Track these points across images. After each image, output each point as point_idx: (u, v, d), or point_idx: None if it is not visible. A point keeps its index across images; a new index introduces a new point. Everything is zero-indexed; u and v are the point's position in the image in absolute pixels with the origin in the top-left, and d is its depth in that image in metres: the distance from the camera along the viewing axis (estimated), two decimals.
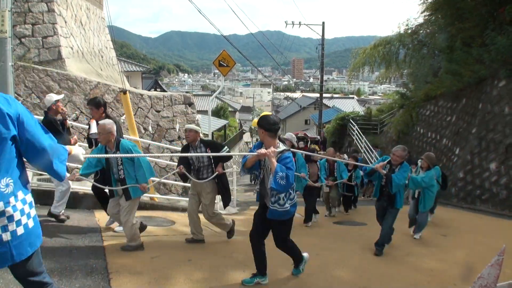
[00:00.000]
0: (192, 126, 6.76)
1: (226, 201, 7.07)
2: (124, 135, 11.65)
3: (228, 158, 7.99)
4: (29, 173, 10.17)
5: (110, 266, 5.24)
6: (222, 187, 6.87)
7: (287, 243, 5.38)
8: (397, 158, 7.06)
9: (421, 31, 24.56)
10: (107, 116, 6.54)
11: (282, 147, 4.83)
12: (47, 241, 5.91)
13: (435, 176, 8.90)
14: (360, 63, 28.42)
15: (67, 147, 3.17)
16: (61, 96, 7.23)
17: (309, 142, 22.98)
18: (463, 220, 11.94)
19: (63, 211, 7.09)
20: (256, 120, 5.19)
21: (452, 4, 18.25)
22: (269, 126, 4.73)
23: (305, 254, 5.57)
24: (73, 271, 4.94)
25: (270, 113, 5.32)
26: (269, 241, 5.23)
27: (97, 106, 6.68)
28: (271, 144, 4.72)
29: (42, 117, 10.62)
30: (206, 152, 6.73)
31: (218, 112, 48.41)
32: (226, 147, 7.16)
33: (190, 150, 6.76)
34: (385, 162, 7.11)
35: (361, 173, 12.54)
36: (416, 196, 10.09)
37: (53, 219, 6.97)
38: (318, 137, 26.12)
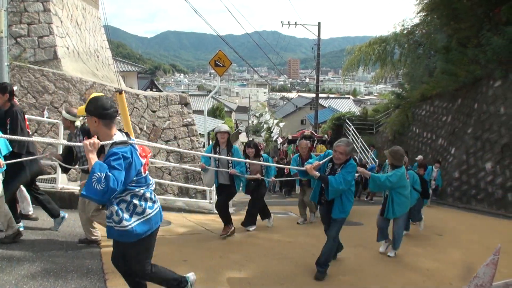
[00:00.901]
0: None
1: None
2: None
3: None
4: None
5: (106, 267, 5.23)
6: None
7: (144, 274, 4.01)
8: (339, 155, 5.65)
9: (417, 31, 24.64)
10: (12, 105, 6.28)
11: (119, 137, 3.64)
12: (43, 242, 5.90)
13: (411, 180, 7.66)
14: (355, 60, 28.47)
15: None
16: None
17: (315, 142, 21.73)
18: (458, 219, 11.98)
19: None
20: (83, 107, 3.74)
21: (447, 5, 18.29)
22: (103, 111, 3.57)
23: (190, 276, 4.32)
24: (68, 271, 4.93)
25: (102, 94, 3.91)
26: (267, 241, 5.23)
27: (2, 91, 6.31)
28: (108, 136, 3.62)
29: (38, 117, 10.63)
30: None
31: (214, 112, 48.34)
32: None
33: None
34: (326, 159, 5.86)
35: None
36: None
37: (49, 219, 6.95)
38: (326, 136, 24.11)
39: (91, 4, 17.36)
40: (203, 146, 15.33)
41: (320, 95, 35.00)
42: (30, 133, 7.74)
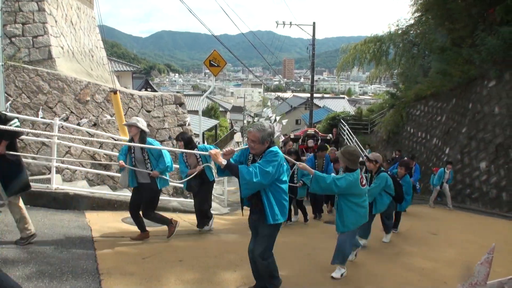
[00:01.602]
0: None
1: None
2: (114, 135, 11.65)
3: None
4: None
5: (101, 267, 5.22)
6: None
7: None
8: (251, 143, 4.50)
9: (412, 31, 24.72)
10: None
11: None
12: (37, 243, 5.88)
13: (383, 184, 7.08)
14: (350, 58, 28.52)
15: None
16: None
17: (319, 141, 19.85)
18: (453, 218, 12.02)
19: None
20: None
21: (442, 5, 18.35)
22: None
23: None
24: (63, 272, 4.92)
25: None
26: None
27: None
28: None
29: (33, 117, 10.59)
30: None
31: (209, 112, 48.33)
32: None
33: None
34: (244, 147, 4.93)
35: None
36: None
37: (44, 221, 6.93)
38: (330, 135, 22.61)
39: (85, 3, 17.31)
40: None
41: (315, 95, 35.07)
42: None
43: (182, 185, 9.11)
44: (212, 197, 10.56)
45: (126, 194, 9.67)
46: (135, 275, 5.16)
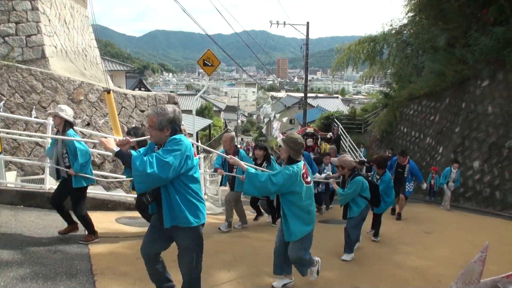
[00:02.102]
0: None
1: None
2: (108, 135, 11.61)
3: None
4: (13, 173, 10.08)
5: (95, 268, 5.21)
6: None
7: None
8: (149, 128, 3.87)
9: (405, 31, 24.78)
10: None
11: None
12: (31, 243, 5.86)
13: (358, 188, 6.61)
14: (345, 58, 28.57)
15: None
16: None
17: (319, 140, 19.23)
18: (447, 217, 12.06)
19: None
20: None
21: (435, 5, 18.41)
22: None
23: None
24: (57, 273, 4.90)
25: None
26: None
27: None
28: None
29: (26, 117, 10.54)
30: None
31: (203, 112, 48.27)
32: None
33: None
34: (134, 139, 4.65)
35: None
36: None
37: (38, 221, 6.91)
38: (330, 134, 21.40)
39: (79, 2, 17.26)
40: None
41: (308, 94, 35.10)
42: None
43: None
44: (206, 197, 10.59)
45: (120, 194, 9.66)
46: (129, 275, 5.14)
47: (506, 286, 2.75)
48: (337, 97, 65.57)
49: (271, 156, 8.86)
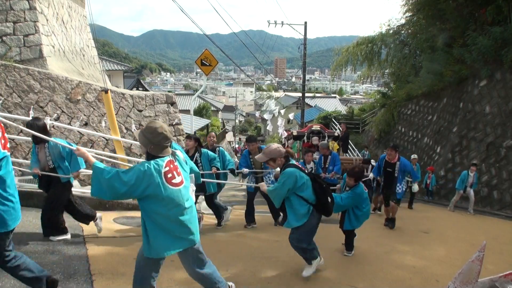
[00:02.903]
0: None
1: None
2: (106, 135, 11.60)
3: None
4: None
5: (93, 268, 5.20)
6: None
7: None
8: None
9: (403, 31, 24.80)
10: None
11: None
12: (29, 244, 5.85)
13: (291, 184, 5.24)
14: (343, 61, 28.61)
15: None
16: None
17: (326, 138, 18.07)
18: (444, 217, 12.08)
19: None
20: None
21: (433, 5, 18.46)
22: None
23: None
24: (55, 273, 4.88)
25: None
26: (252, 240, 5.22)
27: None
28: None
29: (24, 117, 10.52)
30: None
31: (201, 112, 48.24)
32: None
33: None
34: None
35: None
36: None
37: (35, 222, 6.90)
38: (338, 131, 20.39)
39: (77, 2, 17.24)
40: None
41: (306, 94, 35.02)
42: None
43: None
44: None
45: None
46: (127, 275, 5.14)
47: (504, 285, 2.76)
48: (335, 97, 65.61)
49: (202, 148, 8.47)
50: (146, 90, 35.76)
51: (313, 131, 18.25)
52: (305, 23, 28.61)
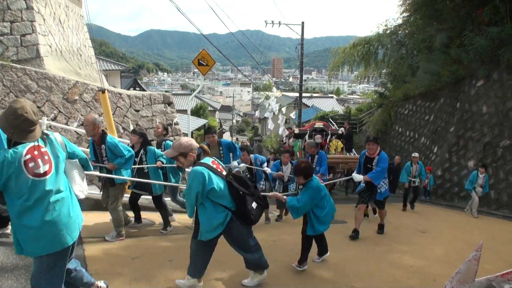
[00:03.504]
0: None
1: None
2: None
3: None
4: None
5: (90, 269, 5.20)
6: None
7: None
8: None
9: (400, 32, 24.83)
10: None
11: None
12: None
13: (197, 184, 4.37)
14: (340, 62, 28.63)
15: None
16: None
17: (329, 136, 17.36)
18: (441, 217, 12.10)
19: None
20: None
21: (430, 5, 18.49)
22: None
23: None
24: None
25: None
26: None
27: None
28: None
29: None
30: None
31: (198, 112, 48.18)
32: None
33: None
34: None
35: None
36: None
37: None
38: (342, 129, 19.30)
39: (74, 1, 17.21)
40: None
41: (303, 94, 35.02)
42: None
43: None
44: None
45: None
46: (124, 276, 5.14)
47: (500, 285, 2.76)
48: (332, 97, 65.53)
49: (150, 145, 7.84)
50: (143, 90, 35.71)
51: (316, 129, 17.57)
52: (302, 23, 28.63)
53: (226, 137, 56.53)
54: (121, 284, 4.87)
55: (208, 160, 4.58)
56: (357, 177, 8.11)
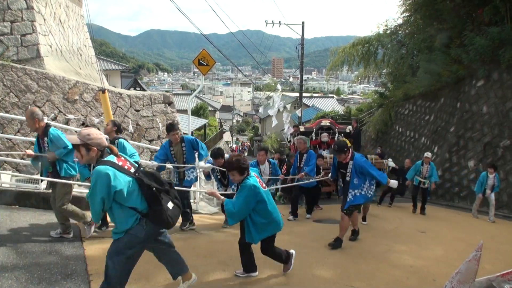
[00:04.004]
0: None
1: None
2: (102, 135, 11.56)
3: None
4: (7, 175, 10.03)
5: (90, 268, 5.20)
6: None
7: None
8: None
9: (400, 32, 24.81)
10: None
11: None
12: (26, 244, 5.84)
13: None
14: (339, 61, 28.57)
15: None
16: None
17: (336, 134, 16.76)
18: (441, 217, 12.09)
19: None
20: None
21: (431, 5, 18.48)
22: None
23: None
24: (52, 273, 4.89)
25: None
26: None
27: None
28: None
29: (21, 117, 10.51)
30: None
31: (198, 111, 48.20)
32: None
33: None
34: None
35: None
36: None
37: (33, 222, 6.88)
38: (350, 127, 18.23)
39: (74, 1, 17.22)
40: None
41: (304, 94, 35.01)
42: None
43: None
44: (201, 196, 10.57)
45: None
46: None
47: (501, 285, 2.76)
48: (332, 97, 65.54)
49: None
50: (144, 90, 35.73)
51: (323, 127, 16.88)
52: (303, 23, 28.63)
53: (227, 137, 56.53)
54: None
55: (113, 157, 3.98)
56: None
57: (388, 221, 10.43)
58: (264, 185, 5.19)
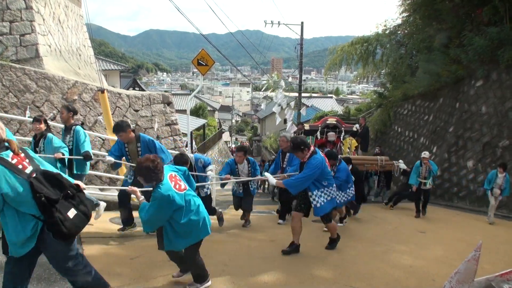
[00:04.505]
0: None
1: None
2: (102, 135, 11.59)
3: None
4: None
5: None
6: None
7: None
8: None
9: (399, 32, 24.80)
10: None
11: None
12: None
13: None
14: (337, 59, 28.55)
15: None
16: None
17: (343, 133, 16.22)
18: (441, 217, 12.09)
19: None
20: None
21: (430, 5, 18.48)
22: None
23: None
24: (51, 273, 4.88)
25: None
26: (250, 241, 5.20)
27: None
28: None
29: (20, 117, 10.50)
30: None
31: (197, 112, 48.15)
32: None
33: None
34: None
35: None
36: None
37: None
38: (357, 126, 17.44)
39: (73, 1, 17.20)
40: (186, 146, 15.29)
41: (303, 94, 35.04)
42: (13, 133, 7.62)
43: None
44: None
45: (113, 194, 9.63)
46: (123, 276, 5.14)
47: (500, 285, 2.77)
48: (331, 97, 65.56)
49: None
50: (143, 90, 35.72)
51: (328, 125, 16.15)
52: (302, 23, 28.65)
53: (226, 137, 56.49)
54: (120, 283, 4.87)
55: (7, 154, 3.46)
56: (271, 179, 6.70)
57: (387, 221, 10.44)
58: (183, 186, 4.59)
